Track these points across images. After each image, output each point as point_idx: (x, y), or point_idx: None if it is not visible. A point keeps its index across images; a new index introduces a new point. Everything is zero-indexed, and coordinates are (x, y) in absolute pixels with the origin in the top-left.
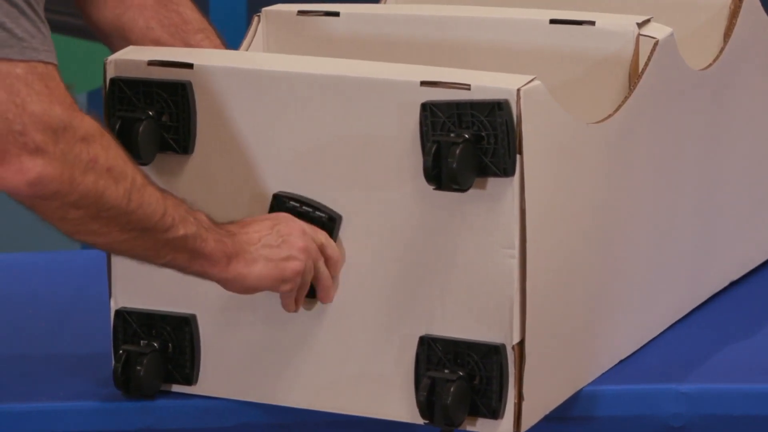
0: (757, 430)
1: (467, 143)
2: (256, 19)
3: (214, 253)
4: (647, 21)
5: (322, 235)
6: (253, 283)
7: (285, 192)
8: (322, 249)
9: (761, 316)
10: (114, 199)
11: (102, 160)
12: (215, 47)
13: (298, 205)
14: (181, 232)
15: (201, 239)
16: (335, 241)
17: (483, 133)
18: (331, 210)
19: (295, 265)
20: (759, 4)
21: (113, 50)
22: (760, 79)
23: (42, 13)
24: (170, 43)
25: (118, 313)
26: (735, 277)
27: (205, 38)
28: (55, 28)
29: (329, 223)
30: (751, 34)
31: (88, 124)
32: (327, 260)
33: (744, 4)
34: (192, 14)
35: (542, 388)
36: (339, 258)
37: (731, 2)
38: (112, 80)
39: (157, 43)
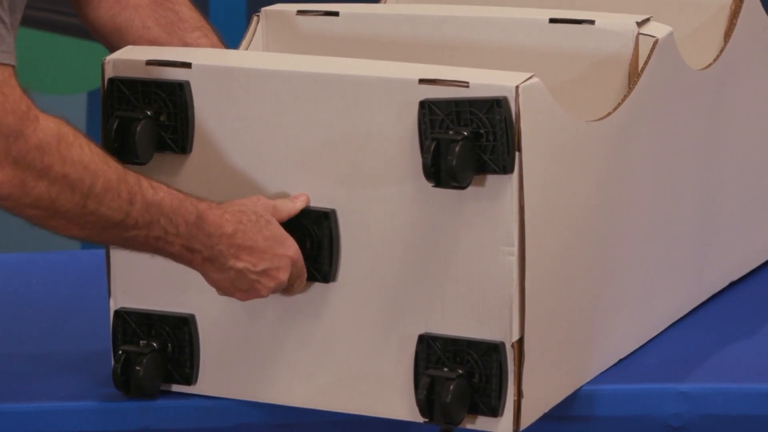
0: (757, 430)
1: (466, 141)
2: (255, 18)
3: (180, 255)
4: (647, 20)
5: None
6: (223, 290)
7: None
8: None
9: (761, 316)
10: (68, 204)
11: (57, 168)
12: (213, 45)
13: None
14: (143, 233)
15: (165, 242)
16: (336, 236)
17: (482, 131)
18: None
19: (264, 291)
20: (759, 4)
21: (111, 50)
22: (760, 79)
23: (4, 11)
24: (167, 42)
25: (117, 313)
26: (735, 277)
27: (203, 36)
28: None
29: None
30: (751, 34)
31: (44, 132)
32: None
33: (744, 5)
34: (189, 12)
35: (542, 386)
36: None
37: (732, 2)
38: (111, 80)
39: (155, 42)
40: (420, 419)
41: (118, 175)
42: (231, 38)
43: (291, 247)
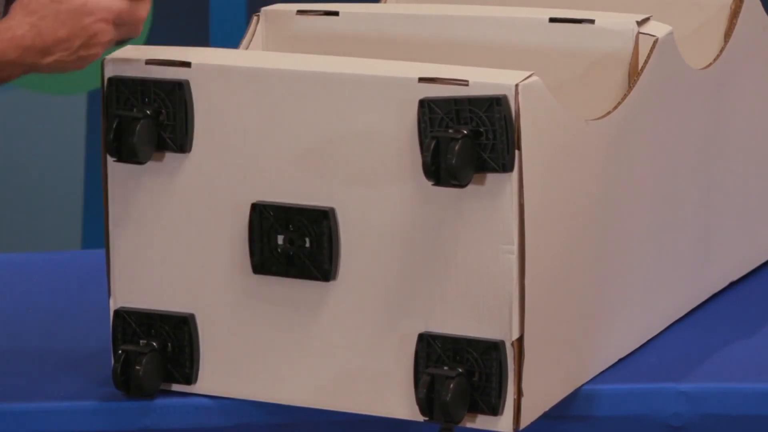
0: (757, 430)
1: (466, 139)
2: (255, 18)
3: None
4: (647, 19)
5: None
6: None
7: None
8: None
9: (761, 316)
10: None
11: None
12: None
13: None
14: None
15: None
16: (335, 235)
17: (481, 129)
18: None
19: (97, 52)
20: (759, 4)
21: None
22: (760, 78)
23: None
24: None
25: (117, 312)
26: (735, 277)
27: None
28: None
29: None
30: (751, 34)
31: None
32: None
33: (744, 4)
34: None
35: (542, 385)
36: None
37: (732, 2)
38: (110, 79)
39: None
40: (420, 418)
41: None
42: (231, 38)
43: (98, 9)
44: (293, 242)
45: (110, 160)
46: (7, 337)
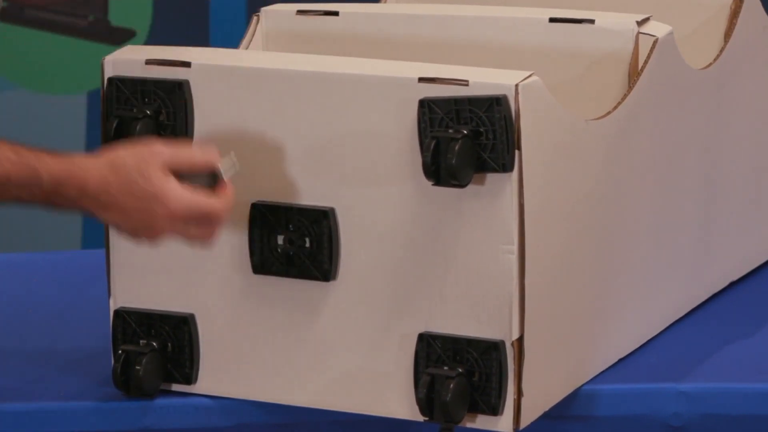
0: (757, 430)
1: (466, 139)
2: (255, 18)
3: (49, 206)
4: (647, 19)
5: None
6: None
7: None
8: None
9: (761, 316)
10: None
11: None
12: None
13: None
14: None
15: (27, 203)
16: (335, 235)
17: (481, 129)
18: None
19: (150, 238)
20: (759, 4)
21: None
22: (760, 78)
23: None
24: None
25: (117, 312)
26: (735, 276)
27: None
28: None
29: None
30: (751, 34)
31: None
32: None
33: (745, 4)
34: None
35: (542, 385)
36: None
37: (732, 2)
38: (110, 79)
39: None
40: (420, 418)
41: None
42: (231, 38)
43: (169, 202)
44: (293, 242)
45: None
46: (7, 337)
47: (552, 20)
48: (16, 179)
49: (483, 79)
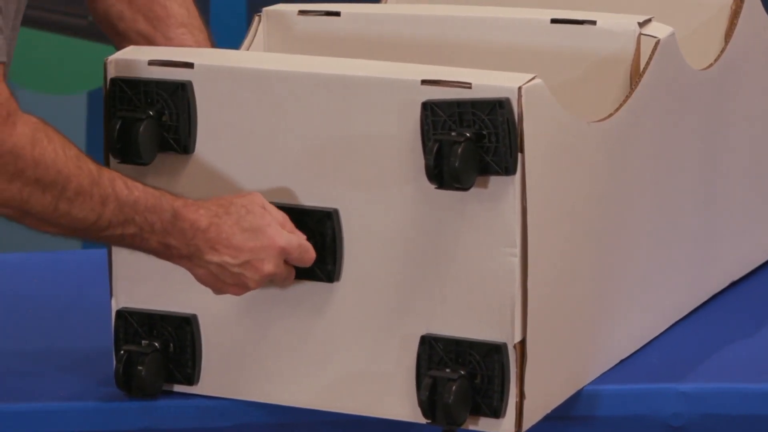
0: (757, 430)
1: (469, 142)
2: (256, 18)
3: (158, 251)
4: (648, 20)
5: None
6: (211, 285)
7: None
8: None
9: (761, 316)
10: (39, 206)
11: (29, 172)
12: (197, 43)
13: None
14: (119, 232)
15: (142, 239)
16: (339, 236)
17: (484, 132)
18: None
19: (252, 283)
20: (760, 4)
21: (113, 42)
22: (760, 79)
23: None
24: (152, 36)
25: (119, 313)
26: (736, 277)
27: (187, 33)
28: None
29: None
30: (752, 34)
31: (18, 137)
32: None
33: (745, 5)
34: (178, 9)
35: (544, 387)
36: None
37: (732, 2)
38: (113, 80)
39: (142, 35)
40: (422, 420)
41: (92, 178)
42: (232, 38)
43: (277, 237)
44: None
45: (113, 161)
46: (7, 337)
47: (553, 21)
48: (144, 206)
49: (486, 81)
